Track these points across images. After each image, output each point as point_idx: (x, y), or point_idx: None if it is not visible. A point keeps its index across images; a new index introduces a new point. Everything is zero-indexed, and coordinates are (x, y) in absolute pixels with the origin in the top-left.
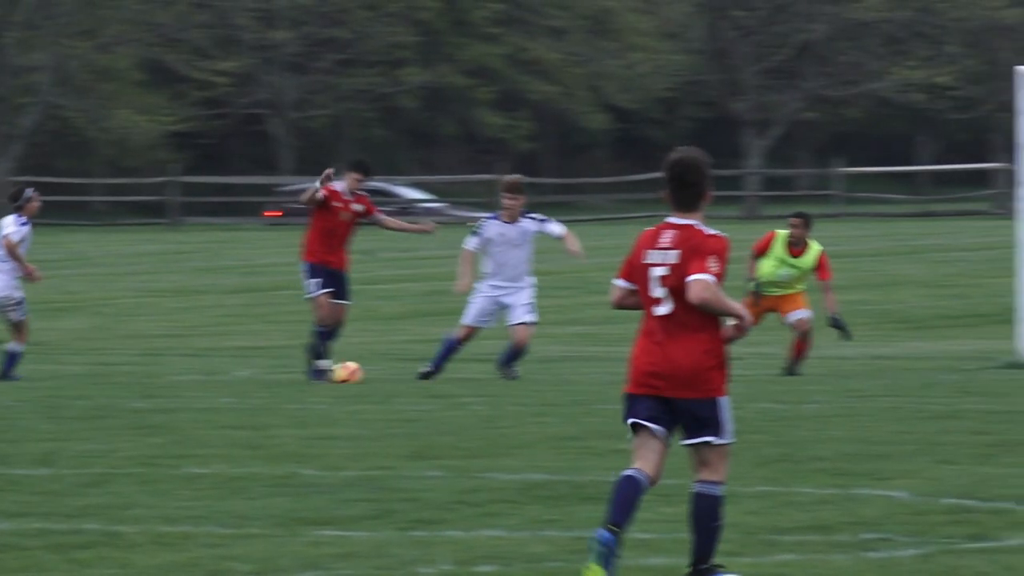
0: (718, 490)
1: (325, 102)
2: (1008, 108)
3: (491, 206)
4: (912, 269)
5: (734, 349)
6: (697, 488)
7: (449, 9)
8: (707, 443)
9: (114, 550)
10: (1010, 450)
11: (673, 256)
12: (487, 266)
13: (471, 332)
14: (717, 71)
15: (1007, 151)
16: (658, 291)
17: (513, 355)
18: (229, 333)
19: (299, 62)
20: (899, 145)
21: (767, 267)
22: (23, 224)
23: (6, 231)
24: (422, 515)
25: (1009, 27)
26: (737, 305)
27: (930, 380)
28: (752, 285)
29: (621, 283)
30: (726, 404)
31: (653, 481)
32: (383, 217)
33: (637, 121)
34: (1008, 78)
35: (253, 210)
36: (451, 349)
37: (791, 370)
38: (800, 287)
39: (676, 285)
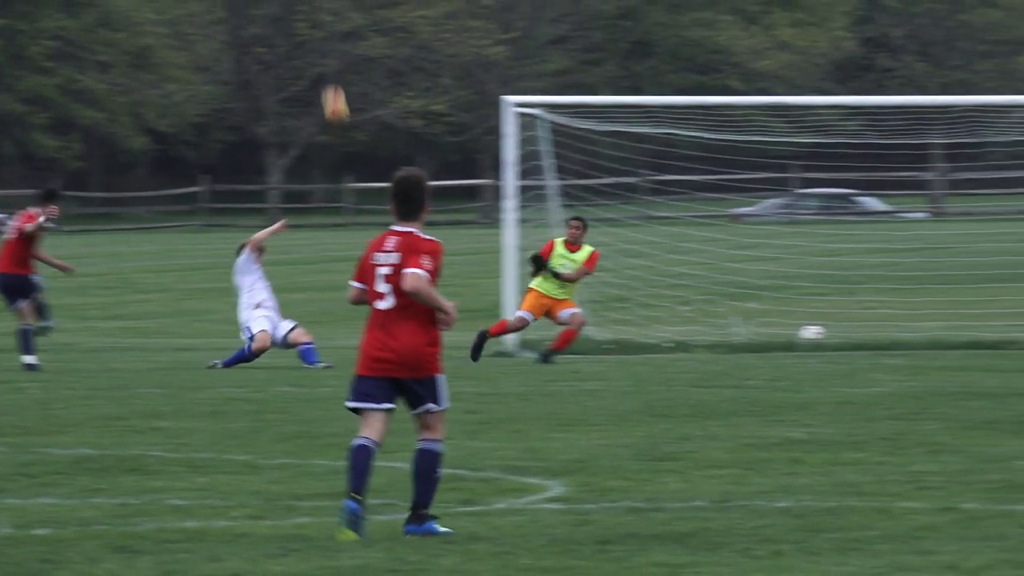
0: (438, 447)
1: None
2: (494, 132)
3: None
4: None
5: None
6: (421, 446)
7: (9, 45)
8: (428, 410)
9: None
10: (496, 427)
11: (395, 257)
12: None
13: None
14: (243, 100)
15: (494, 169)
16: (382, 287)
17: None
18: None
19: None
20: (401, 164)
21: (553, 262)
22: None
23: None
24: None
25: (494, 62)
26: (444, 300)
27: None
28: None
29: (355, 284)
30: (442, 380)
31: (379, 445)
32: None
33: (174, 143)
34: (494, 106)
35: None
36: (241, 357)
37: (548, 357)
38: (570, 294)
39: (397, 282)
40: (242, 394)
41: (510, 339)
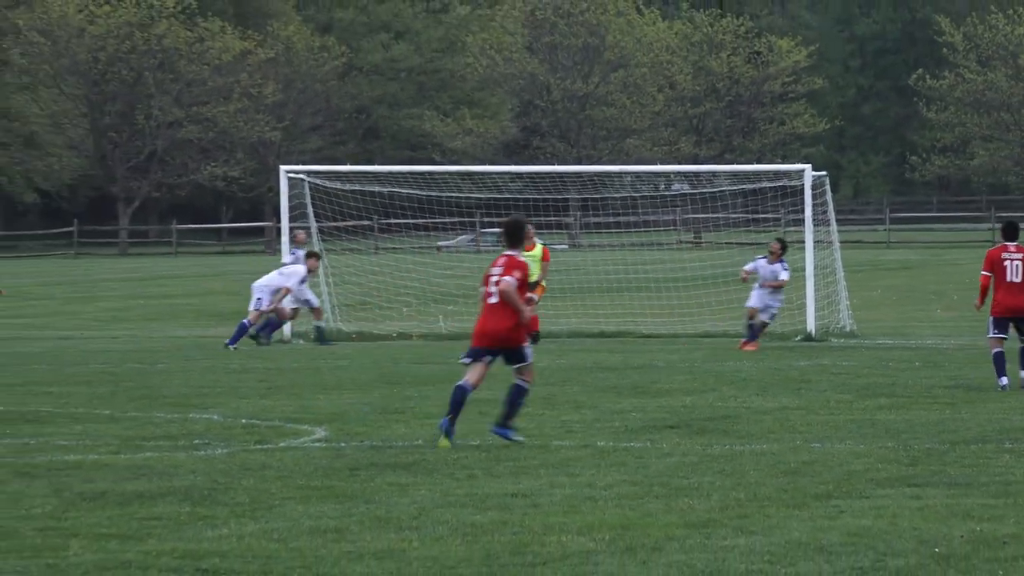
0: (527, 385)
1: None
2: (273, 190)
3: None
4: (216, 284)
5: None
6: (517, 381)
7: None
8: (520, 367)
9: None
10: (279, 391)
11: (501, 270)
12: None
13: None
14: (101, 168)
15: (274, 215)
16: (492, 288)
17: None
18: None
19: None
20: (211, 212)
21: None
22: None
23: None
24: None
25: (272, 142)
26: (522, 304)
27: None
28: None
29: (480, 288)
30: (527, 346)
31: (475, 387)
32: None
33: (54, 198)
34: (273, 172)
35: None
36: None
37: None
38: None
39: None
40: (105, 368)
41: (286, 329)
